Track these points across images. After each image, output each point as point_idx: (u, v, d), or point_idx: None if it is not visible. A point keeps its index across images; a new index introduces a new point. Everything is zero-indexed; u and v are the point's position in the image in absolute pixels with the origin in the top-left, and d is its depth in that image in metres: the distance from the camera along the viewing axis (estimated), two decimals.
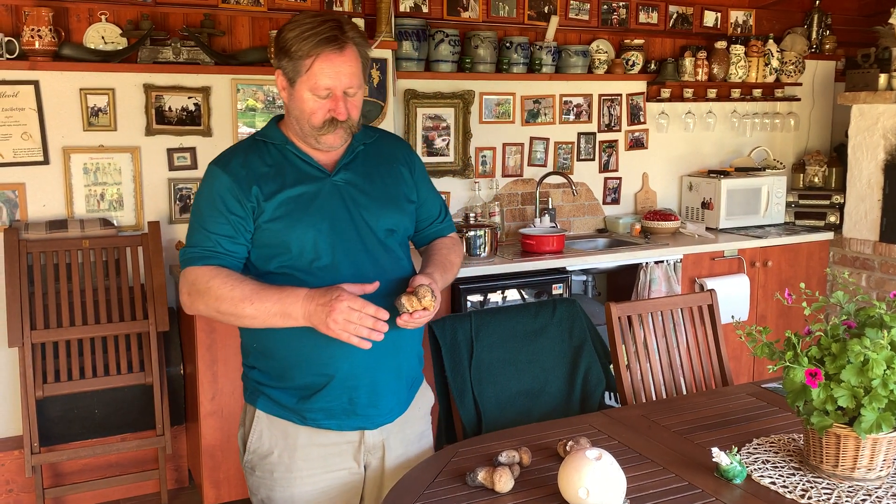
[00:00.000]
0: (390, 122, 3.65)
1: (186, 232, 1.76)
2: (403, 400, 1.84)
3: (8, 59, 3.03)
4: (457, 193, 4.05)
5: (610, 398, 2.78)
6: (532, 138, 4.22)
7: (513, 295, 3.53)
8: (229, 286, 1.63)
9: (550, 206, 4.23)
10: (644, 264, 3.84)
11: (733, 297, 3.99)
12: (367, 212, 1.75)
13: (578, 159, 4.37)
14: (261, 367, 1.80)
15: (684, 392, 2.53)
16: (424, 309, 1.64)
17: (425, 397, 1.96)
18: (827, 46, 4.81)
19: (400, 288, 1.73)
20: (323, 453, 1.76)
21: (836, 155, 4.80)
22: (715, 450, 1.70)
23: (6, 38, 3.03)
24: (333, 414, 1.74)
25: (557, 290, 3.59)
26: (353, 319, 1.56)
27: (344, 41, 1.65)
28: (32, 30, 3.03)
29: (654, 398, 2.47)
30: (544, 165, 4.27)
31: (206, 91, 3.43)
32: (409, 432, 1.87)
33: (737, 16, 4.64)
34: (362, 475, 1.81)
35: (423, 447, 1.91)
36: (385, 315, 1.59)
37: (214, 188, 1.70)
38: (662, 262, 3.88)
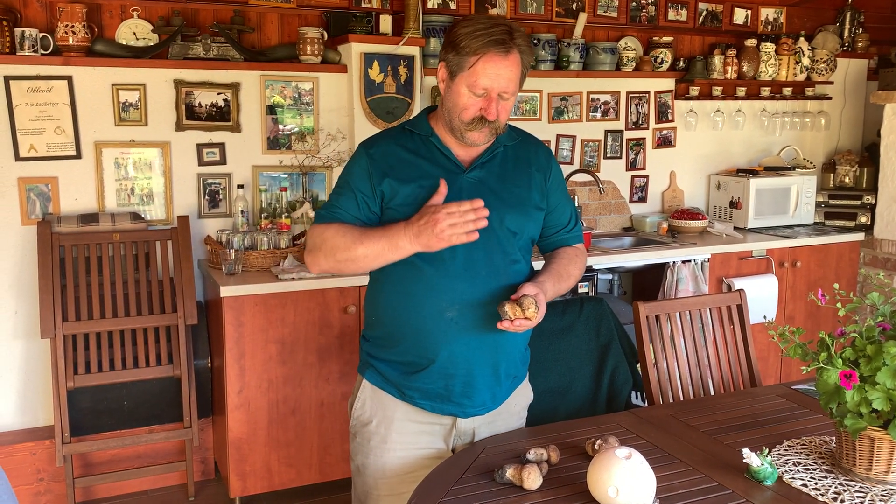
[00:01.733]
0: None
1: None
2: (499, 395, 1.89)
3: (42, 54, 3.08)
4: None
5: (636, 398, 2.77)
6: (559, 136, 4.21)
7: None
8: (341, 234, 1.76)
9: (577, 204, 4.21)
10: (671, 263, 3.81)
11: (761, 297, 3.95)
12: (493, 211, 1.74)
13: (605, 157, 4.35)
14: (374, 337, 1.91)
15: (712, 392, 2.51)
16: (526, 318, 1.68)
17: (524, 395, 2.01)
18: (859, 44, 4.74)
19: (511, 290, 1.77)
20: (416, 430, 1.86)
21: (868, 154, 4.73)
22: (745, 451, 1.68)
23: (41, 34, 3.08)
24: (429, 396, 1.83)
25: (583, 288, 3.57)
26: (456, 220, 1.64)
27: (511, 46, 1.71)
28: (66, 26, 3.07)
29: (681, 398, 2.46)
30: (571, 163, 4.25)
31: (235, 87, 3.45)
32: (501, 425, 1.93)
33: (767, 13, 4.59)
34: (449, 456, 1.86)
35: None
36: (480, 202, 1.65)
37: (353, 167, 1.84)
38: (690, 261, 3.84)
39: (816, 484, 1.67)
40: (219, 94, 3.44)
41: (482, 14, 1.77)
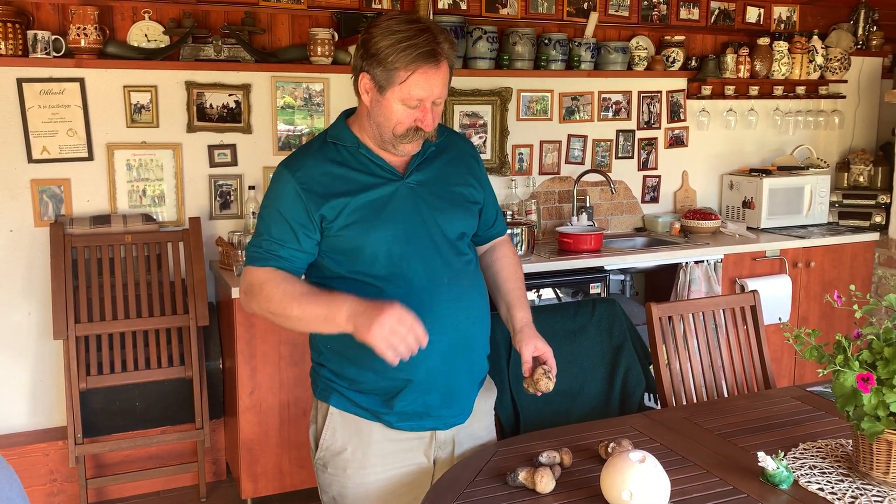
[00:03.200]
0: None
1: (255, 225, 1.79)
2: (474, 398, 1.87)
3: (55, 56, 3.09)
4: (494, 191, 4.02)
5: (649, 399, 2.74)
6: (570, 135, 4.19)
7: (547, 294, 3.51)
8: (281, 288, 1.64)
9: (588, 205, 4.19)
10: (683, 264, 3.79)
11: (775, 298, 3.92)
12: (440, 214, 1.74)
13: (617, 157, 4.33)
14: (334, 367, 1.78)
15: (725, 394, 2.49)
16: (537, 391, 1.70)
17: (490, 390, 1.98)
18: (874, 42, 4.70)
19: (471, 292, 1.78)
20: (396, 448, 1.78)
21: (883, 154, 4.68)
22: (761, 454, 1.66)
23: (53, 37, 3.09)
24: (408, 417, 1.75)
25: (595, 289, 3.56)
26: (400, 331, 1.52)
27: (441, 55, 1.63)
28: (78, 28, 3.08)
29: (694, 400, 2.44)
30: (582, 163, 4.24)
31: (246, 88, 3.46)
32: (477, 427, 1.90)
33: (780, 11, 4.56)
34: (431, 469, 1.83)
35: (488, 439, 1.94)
36: (425, 341, 1.55)
37: (282, 193, 1.70)
38: (702, 261, 3.82)
39: (833, 488, 1.65)
40: (230, 95, 3.45)
41: (397, 16, 1.66)
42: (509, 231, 3.55)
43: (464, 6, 3.80)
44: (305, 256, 1.71)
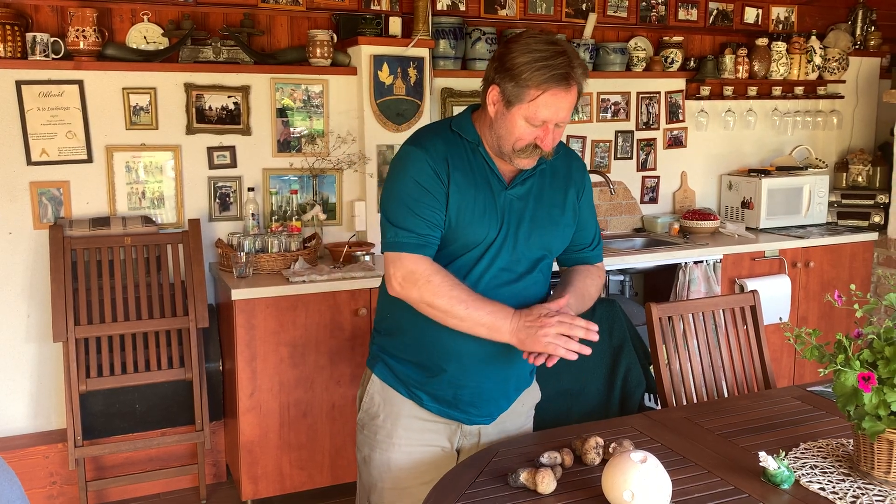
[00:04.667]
0: (426, 120, 3.65)
1: (386, 209, 1.77)
2: (505, 405, 1.92)
3: (54, 59, 3.09)
4: None
5: (650, 400, 2.75)
6: (569, 136, 4.19)
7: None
8: (449, 285, 1.70)
9: None
10: (683, 264, 3.79)
11: (774, 298, 3.92)
12: (525, 230, 1.80)
13: (616, 158, 4.33)
14: (388, 332, 1.91)
15: (726, 395, 2.49)
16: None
17: (531, 395, 2.02)
18: (872, 43, 4.71)
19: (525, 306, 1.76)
20: (422, 427, 1.87)
21: (881, 154, 4.69)
22: (762, 454, 1.66)
23: (52, 39, 3.09)
24: (437, 400, 1.85)
25: None
26: (565, 331, 1.64)
27: (573, 79, 1.66)
28: (77, 30, 3.08)
29: (694, 400, 2.44)
30: None
31: (245, 90, 3.46)
32: (509, 425, 1.96)
33: (778, 12, 4.56)
34: (455, 456, 1.91)
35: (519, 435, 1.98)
36: (595, 327, 1.64)
37: (421, 171, 1.73)
38: (702, 262, 3.82)
39: (834, 487, 1.65)
40: (229, 97, 3.45)
41: (537, 35, 1.69)
42: None
43: (462, 7, 3.81)
44: (440, 231, 1.76)
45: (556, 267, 2.02)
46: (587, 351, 1.67)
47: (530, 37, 1.68)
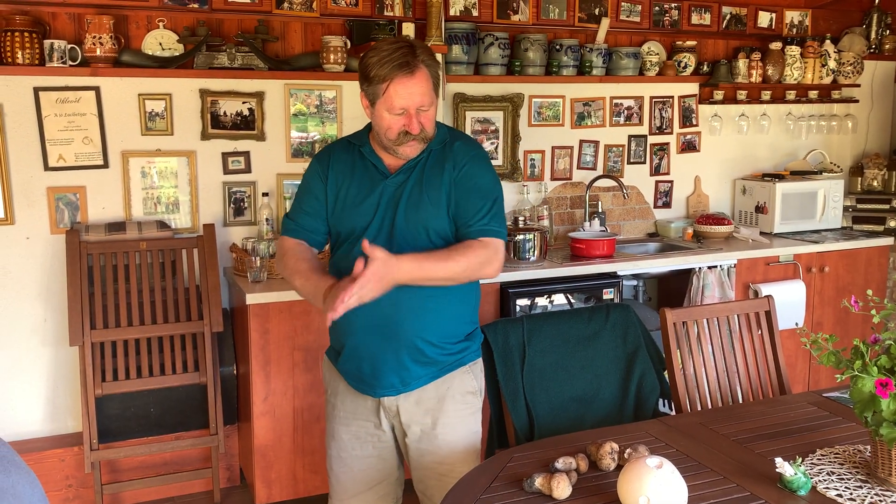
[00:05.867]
0: None
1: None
2: (409, 379, 2.01)
3: (71, 65, 3.12)
4: (505, 197, 3.89)
5: (664, 405, 2.74)
6: (581, 141, 4.19)
7: (560, 299, 3.50)
8: (294, 260, 2.02)
9: (600, 210, 4.19)
10: (697, 269, 3.78)
11: (789, 303, 3.90)
12: (404, 211, 1.98)
13: (629, 162, 4.32)
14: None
15: (740, 400, 2.48)
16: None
17: (462, 381, 2.07)
18: (887, 46, 4.68)
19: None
20: (353, 401, 2.09)
21: None
22: (778, 460, 1.66)
23: (69, 46, 3.12)
24: (350, 375, 2.07)
25: (608, 294, 3.55)
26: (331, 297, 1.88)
27: (415, 65, 1.87)
28: (94, 37, 3.11)
29: (709, 406, 2.43)
30: (594, 168, 4.24)
31: (259, 96, 3.48)
32: (433, 407, 2.03)
33: (792, 16, 4.54)
34: (390, 435, 2.09)
35: (448, 422, 2.04)
36: (336, 312, 1.75)
37: (308, 172, 2.11)
38: (716, 267, 3.81)
39: (851, 494, 1.64)
40: (243, 102, 3.47)
41: (386, 39, 2.09)
42: (521, 236, 3.55)
43: (475, 13, 3.81)
44: (323, 226, 2.07)
45: None
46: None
47: (379, 42, 1.94)
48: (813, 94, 4.55)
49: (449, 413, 2.04)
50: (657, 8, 4.18)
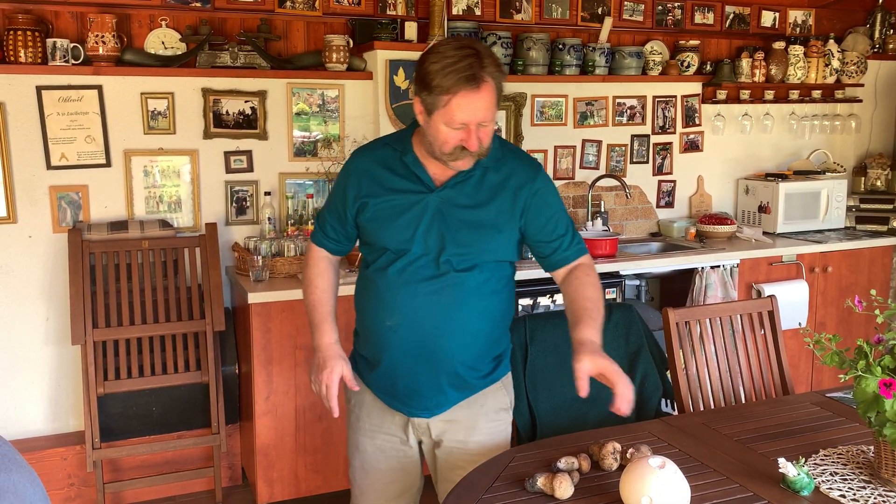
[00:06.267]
0: None
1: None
2: (445, 403, 1.94)
3: (73, 64, 3.12)
4: None
5: (667, 405, 2.73)
6: (584, 140, 4.19)
7: (562, 299, 3.49)
8: (308, 280, 2.03)
9: (603, 210, 4.18)
10: (699, 269, 3.77)
11: (792, 303, 3.89)
12: (452, 232, 1.84)
13: (632, 162, 4.32)
14: (357, 325, 2.06)
15: (743, 400, 2.47)
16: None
17: (494, 398, 1.99)
18: (890, 46, 4.67)
19: (453, 309, 1.86)
20: (380, 414, 2.00)
21: None
22: (782, 460, 1.65)
23: (72, 45, 3.12)
24: (382, 390, 1.98)
25: (610, 294, 3.54)
26: (317, 392, 1.94)
27: (481, 78, 1.71)
28: (97, 36, 3.11)
29: (712, 406, 2.42)
30: (596, 168, 4.23)
31: (262, 95, 3.48)
32: (467, 424, 1.96)
33: (796, 15, 4.53)
34: (416, 449, 2.02)
35: (480, 439, 1.97)
36: (335, 414, 1.89)
37: (341, 176, 1.98)
38: (718, 266, 3.80)
39: (854, 495, 1.63)
40: (246, 101, 3.47)
41: (449, 42, 1.78)
42: None
43: (478, 12, 3.81)
44: (351, 233, 1.99)
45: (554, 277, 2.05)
46: (334, 413, 1.89)
47: (442, 45, 1.75)
48: (816, 93, 4.54)
49: (482, 431, 1.98)
50: (660, 7, 4.18)
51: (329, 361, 1.91)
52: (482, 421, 1.97)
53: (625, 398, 1.69)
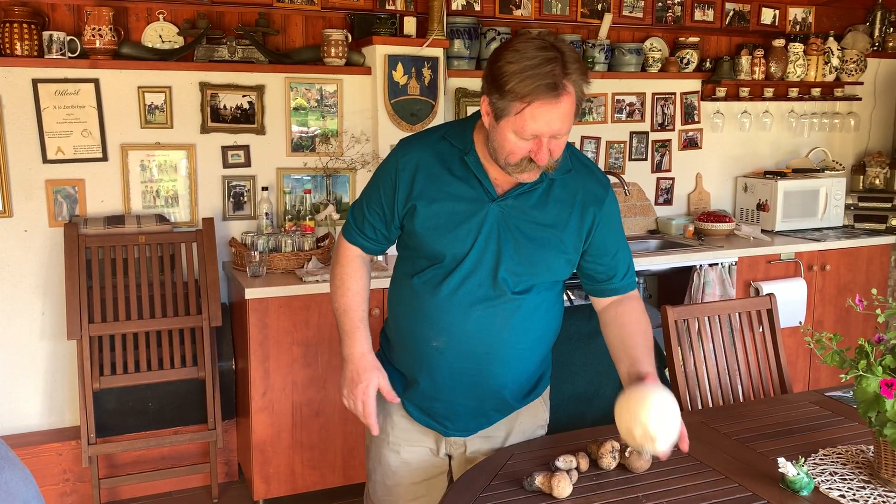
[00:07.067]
0: (440, 120, 3.64)
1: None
2: (485, 423, 1.85)
3: (70, 57, 3.10)
4: None
5: None
6: (583, 137, 4.17)
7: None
8: (344, 279, 1.84)
9: None
10: (698, 267, 3.77)
11: (790, 301, 3.89)
12: (512, 247, 1.67)
13: (630, 159, 4.31)
14: (386, 337, 1.93)
15: (741, 399, 2.46)
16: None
17: (532, 416, 1.92)
18: (890, 44, 4.66)
19: (506, 332, 1.71)
20: (409, 427, 1.87)
21: None
22: (781, 460, 1.64)
23: (68, 38, 3.10)
24: (417, 408, 1.85)
25: None
26: (351, 408, 1.80)
27: (564, 87, 1.50)
28: (93, 29, 3.09)
29: (710, 404, 2.42)
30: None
31: (260, 89, 3.46)
32: (500, 442, 1.89)
33: (795, 13, 4.52)
34: (446, 460, 1.91)
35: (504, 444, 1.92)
36: (375, 432, 1.80)
37: (384, 171, 1.76)
38: (717, 264, 3.79)
39: (854, 495, 1.62)
40: (244, 96, 3.45)
41: (531, 39, 1.53)
42: None
43: (477, 7, 3.79)
44: (391, 233, 1.80)
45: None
46: (374, 432, 1.81)
47: (523, 41, 1.53)
48: (816, 91, 4.53)
49: (506, 439, 1.91)
50: (660, 4, 4.16)
51: (364, 374, 1.76)
52: (520, 438, 1.91)
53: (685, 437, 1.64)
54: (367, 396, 1.75)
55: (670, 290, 4.04)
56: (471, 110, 3.89)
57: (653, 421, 1.55)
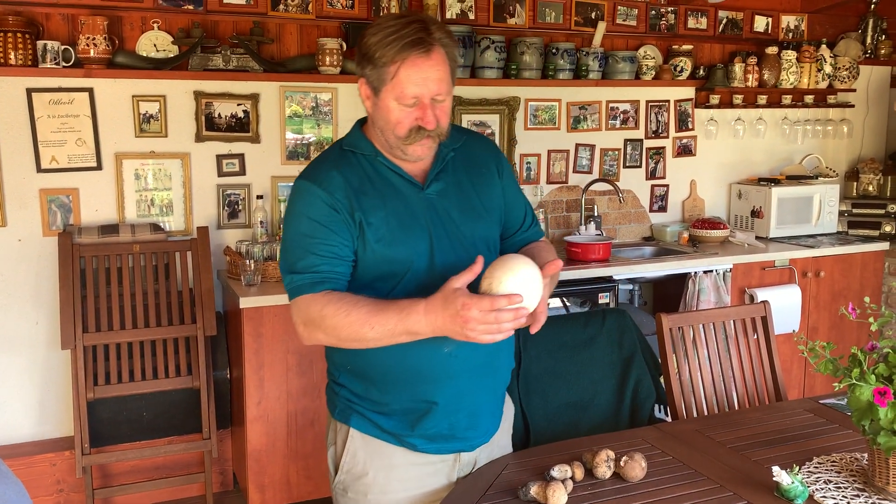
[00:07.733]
0: None
1: (281, 253, 1.67)
2: (498, 419, 1.82)
3: (64, 66, 3.10)
4: None
5: (660, 411, 2.72)
6: (577, 145, 4.18)
7: (555, 303, 3.49)
8: (344, 312, 1.53)
9: (596, 214, 4.18)
10: (692, 274, 3.77)
11: (784, 308, 3.90)
12: (463, 226, 1.67)
13: (625, 166, 4.32)
14: (355, 388, 1.71)
15: (736, 406, 2.47)
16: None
17: (509, 407, 1.92)
18: (882, 51, 4.68)
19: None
20: (419, 472, 1.71)
21: (892, 163, 4.67)
22: (775, 468, 1.64)
23: (63, 47, 3.10)
24: (433, 439, 1.69)
25: (604, 299, 3.54)
26: (490, 320, 1.41)
27: (431, 43, 1.53)
28: (88, 38, 3.09)
29: (705, 412, 2.42)
30: (590, 172, 4.23)
31: (254, 98, 3.46)
32: (495, 447, 1.84)
33: (788, 21, 4.55)
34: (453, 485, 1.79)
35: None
36: (519, 298, 1.43)
37: (312, 206, 1.60)
38: (711, 271, 3.80)
39: (849, 503, 1.63)
40: (238, 105, 3.45)
41: (390, 15, 1.64)
42: None
43: (472, 16, 3.80)
44: (346, 265, 1.62)
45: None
46: (521, 324, 1.47)
47: (382, 18, 1.60)
48: (809, 98, 4.55)
49: (506, 447, 1.90)
50: (653, 12, 4.18)
51: (450, 301, 1.44)
52: (505, 436, 1.90)
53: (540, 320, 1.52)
54: (476, 300, 1.42)
55: (665, 296, 4.05)
56: (465, 118, 3.90)
57: (504, 271, 1.46)
